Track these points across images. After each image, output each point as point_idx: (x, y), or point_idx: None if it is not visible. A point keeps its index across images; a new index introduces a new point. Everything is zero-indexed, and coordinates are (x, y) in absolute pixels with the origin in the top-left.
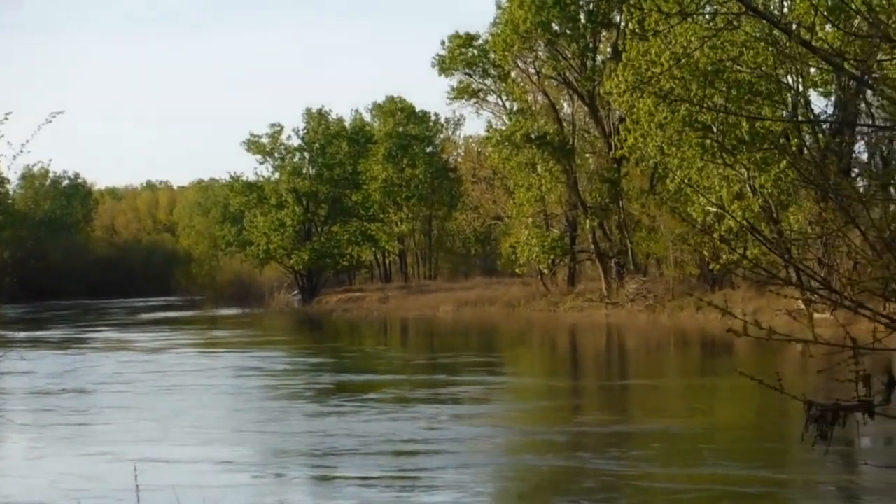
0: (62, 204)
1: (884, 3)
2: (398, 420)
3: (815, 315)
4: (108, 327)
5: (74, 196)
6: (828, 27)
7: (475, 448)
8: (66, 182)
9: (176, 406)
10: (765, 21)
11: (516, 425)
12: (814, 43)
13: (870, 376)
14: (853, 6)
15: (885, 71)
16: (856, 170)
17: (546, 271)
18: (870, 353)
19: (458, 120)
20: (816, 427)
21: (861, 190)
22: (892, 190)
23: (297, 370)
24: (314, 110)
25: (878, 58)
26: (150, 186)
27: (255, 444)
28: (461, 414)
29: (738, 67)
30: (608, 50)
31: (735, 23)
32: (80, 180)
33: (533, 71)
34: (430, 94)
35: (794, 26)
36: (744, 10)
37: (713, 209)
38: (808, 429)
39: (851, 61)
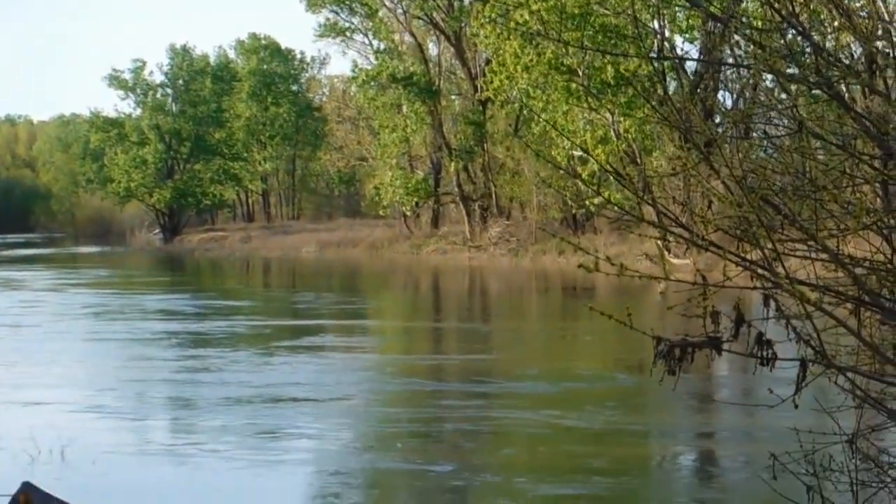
0: None
1: None
2: (272, 369)
3: (676, 261)
4: None
5: None
6: None
7: (338, 397)
8: None
9: (59, 349)
10: None
11: (379, 374)
12: None
13: (718, 313)
14: None
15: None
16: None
17: (409, 213)
18: (723, 293)
19: (324, 59)
20: (665, 363)
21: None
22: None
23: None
24: (178, 46)
25: None
26: (9, 120)
27: (122, 389)
28: (328, 361)
29: (605, 11)
30: None
31: None
32: None
33: (400, 11)
34: (298, 33)
35: None
36: None
37: (577, 153)
38: (656, 364)
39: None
